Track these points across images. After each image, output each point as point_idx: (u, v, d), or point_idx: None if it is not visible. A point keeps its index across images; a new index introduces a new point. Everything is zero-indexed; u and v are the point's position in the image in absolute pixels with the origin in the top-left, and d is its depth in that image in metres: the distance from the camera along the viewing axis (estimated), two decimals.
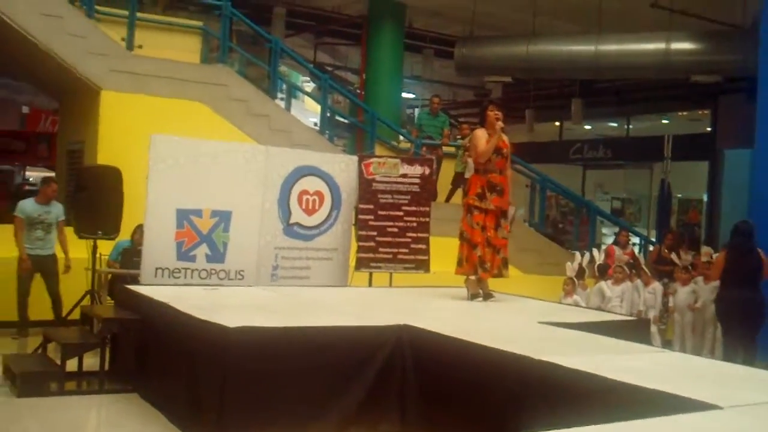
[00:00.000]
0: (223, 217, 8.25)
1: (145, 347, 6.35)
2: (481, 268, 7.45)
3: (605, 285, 10.22)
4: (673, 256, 11.16)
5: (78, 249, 8.77)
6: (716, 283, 10.31)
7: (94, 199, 8.36)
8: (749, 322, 8.61)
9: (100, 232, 8.43)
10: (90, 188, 8.46)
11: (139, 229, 8.89)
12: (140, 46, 11.51)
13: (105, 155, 10.01)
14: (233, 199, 8.30)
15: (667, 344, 10.28)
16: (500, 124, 7.41)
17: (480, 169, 7.50)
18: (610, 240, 16.33)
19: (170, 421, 5.62)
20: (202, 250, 8.14)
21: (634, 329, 6.90)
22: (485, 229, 7.43)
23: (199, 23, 12.67)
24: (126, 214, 8.75)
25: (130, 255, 8.98)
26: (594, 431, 3.36)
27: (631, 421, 3.54)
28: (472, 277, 7.59)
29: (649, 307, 10.39)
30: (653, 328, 9.77)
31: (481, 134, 7.53)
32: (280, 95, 13.95)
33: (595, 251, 10.98)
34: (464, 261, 7.54)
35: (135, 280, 8.07)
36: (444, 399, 5.29)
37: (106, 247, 9.06)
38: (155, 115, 10.47)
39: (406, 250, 9.16)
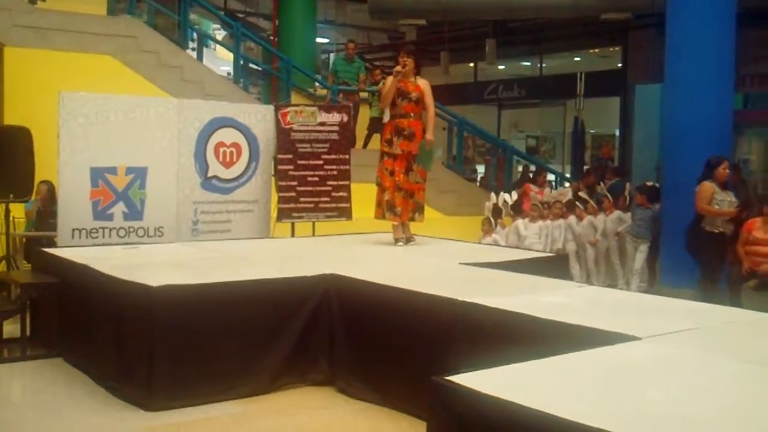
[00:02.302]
0: (139, 174, 8.09)
1: (67, 311, 6.23)
2: (389, 212, 7.60)
3: (521, 223, 10.40)
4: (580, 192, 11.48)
5: None
6: (617, 214, 10.72)
7: (4, 162, 8.04)
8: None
9: (11, 196, 8.15)
10: None
11: (42, 186, 8.66)
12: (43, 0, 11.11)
13: (12, 115, 9.66)
14: (148, 155, 8.14)
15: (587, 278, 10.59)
16: (398, 68, 7.50)
17: (391, 114, 7.66)
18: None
19: (98, 383, 5.54)
20: (119, 208, 7.99)
21: (554, 265, 7.08)
22: (393, 174, 7.55)
23: None
24: (38, 175, 8.49)
25: (44, 216, 8.75)
26: (518, 369, 3.46)
27: (553, 356, 3.65)
28: (395, 223, 7.68)
29: (568, 241, 10.66)
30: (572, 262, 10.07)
31: (389, 80, 7.63)
32: (191, 45, 13.63)
33: (506, 195, 11.16)
34: (377, 205, 7.71)
35: (51, 243, 7.88)
36: (372, 345, 5.35)
37: (17, 211, 8.80)
38: (63, 70, 10.14)
39: (328, 199, 9.15)
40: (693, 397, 3.11)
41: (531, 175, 14.12)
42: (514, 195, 11.06)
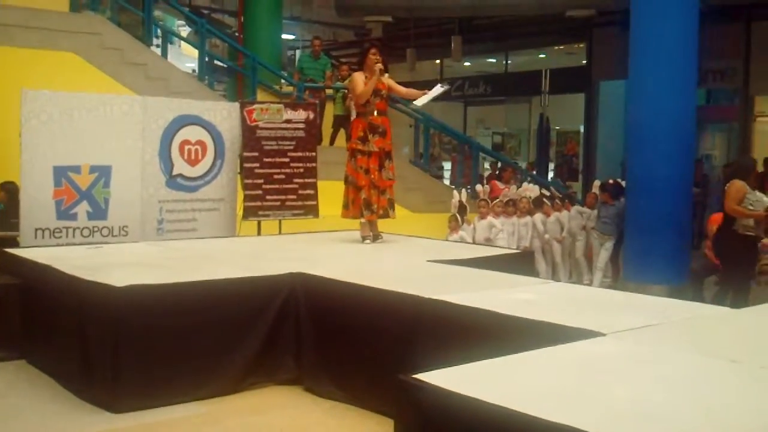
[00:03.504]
0: (103, 172, 8.02)
1: (30, 312, 6.14)
2: (367, 210, 7.57)
3: (492, 218, 10.43)
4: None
5: None
6: (576, 208, 10.82)
7: None
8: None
9: None
10: None
11: (2, 187, 8.55)
12: None
13: None
14: (112, 153, 8.07)
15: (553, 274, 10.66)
16: (379, 66, 7.44)
17: (360, 111, 7.57)
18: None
19: (62, 386, 5.48)
20: (83, 207, 7.92)
21: (520, 262, 7.12)
22: (369, 172, 7.53)
23: None
24: (0, 175, 8.41)
25: (6, 216, 8.64)
26: (484, 366, 3.48)
27: (519, 353, 3.66)
28: (362, 220, 7.67)
29: (533, 238, 10.72)
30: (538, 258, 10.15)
31: (358, 77, 7.58)
32: (155, 42, 13.51)
33: (478, 186, 11.21)
34: (350, 204, 7.66)
35: (14, 243, 7.77)
36: (339, 343, 5.35)
37: None
38: (25, 68, 9.99)
39: (294, 197, 9.13)
40: (658, 393, 3.14)
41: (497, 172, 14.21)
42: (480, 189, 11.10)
